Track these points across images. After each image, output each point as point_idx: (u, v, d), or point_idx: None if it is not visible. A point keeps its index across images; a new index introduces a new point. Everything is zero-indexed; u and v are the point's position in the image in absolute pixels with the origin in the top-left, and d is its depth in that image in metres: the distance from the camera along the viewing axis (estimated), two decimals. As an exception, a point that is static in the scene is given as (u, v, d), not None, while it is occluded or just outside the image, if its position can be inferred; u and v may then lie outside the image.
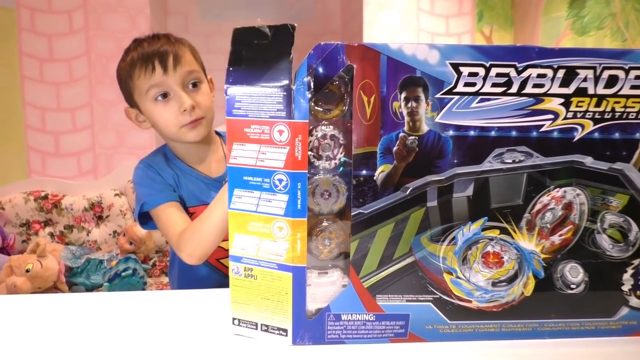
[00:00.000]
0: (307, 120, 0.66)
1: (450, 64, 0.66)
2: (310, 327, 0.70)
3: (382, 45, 0.65)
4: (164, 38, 1.06)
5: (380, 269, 0.70)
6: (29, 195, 2.20)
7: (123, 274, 1.93)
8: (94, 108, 2.28)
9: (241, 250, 0.71)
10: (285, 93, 0.66)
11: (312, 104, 0.67)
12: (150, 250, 2.16)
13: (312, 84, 0.65)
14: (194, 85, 1.05)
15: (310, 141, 0.68)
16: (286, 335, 0.71)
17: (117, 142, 2.32)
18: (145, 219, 1.09)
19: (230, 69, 0.68)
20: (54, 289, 1.92)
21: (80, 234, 2.23)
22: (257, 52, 0.67)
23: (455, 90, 0.66)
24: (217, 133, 1.19)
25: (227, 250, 0.73)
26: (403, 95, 0.66)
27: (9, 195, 2.20)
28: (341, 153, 0.69)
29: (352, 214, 0.68)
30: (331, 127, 0.69)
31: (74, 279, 2.01)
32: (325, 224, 0.71)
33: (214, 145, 1.15)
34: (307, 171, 0.67)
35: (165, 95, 1.03)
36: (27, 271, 1.82)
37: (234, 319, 0.73)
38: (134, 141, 2.31)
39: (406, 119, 0.67)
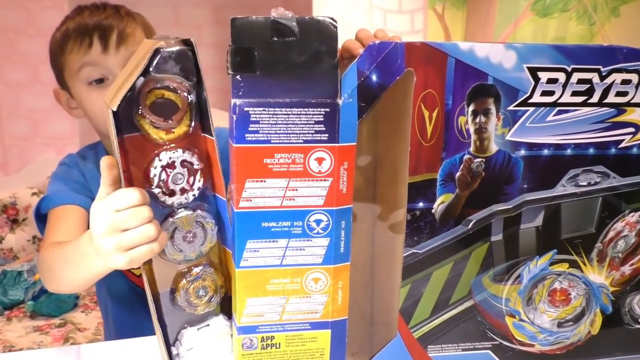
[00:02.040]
0: (355, 144, 0.51)
1: (528, 68, 0.54)
2: None
3: (450, 45, 0.52)
4: (112, 9, 0.85)
5: (433, 316, 0.59)
6: None
7: (51, 288, 1.68)
8: (1, 91, 1.95)
9: (256, 318, 0.55)
10: (328, 109, 0.50)
11: (144, 122, 0.53)
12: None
13: (363, 97, 0.51)
14: None
15: (153, 174, 0.53)
16: None
17: (32, 132, 2.00)
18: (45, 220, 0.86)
19: (237, 76, 0.49)
20: (-36, 310, 1.64)
21: (-9, 242, 1.93)
22: (277, 54, 0.49)
23: (531, 101, 0.55)
24: None
25: None
26: (471, 108, 0.54)
27: None
28: (199, 181, 0.55)
29: (404, 254, 0.55)
30: (180, 150, 0.54)
31: (-13, 296, 1.73)
32: (195, 271, 0.57)
33: None
34: (352, 206, 0.53)
35: (101, 80, 0.82)
36: None
37: None
38: (52, 130, 2.00)
39: (473, 137, 0.54)
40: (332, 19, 0.49)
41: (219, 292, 0.58)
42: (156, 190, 0.54)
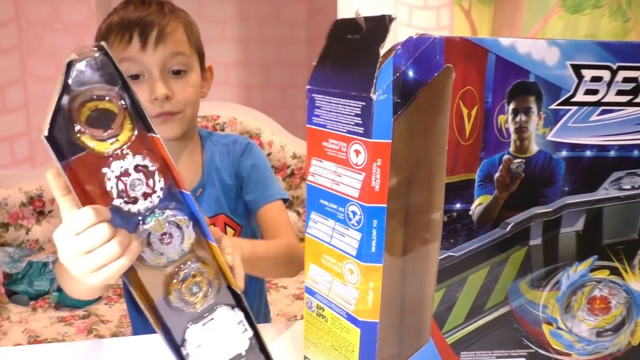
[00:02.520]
0: (390, 141, 0.50)
1: (571, 65, 0.51)
2: None
3: (491, 41, 0.50)
4: (156, 6, 0.85)
5: (468, 321, 0.57)
6: (-49, 188, 1.90)
7: (76, 280, 1.69)
8: (28, 85, 1.97)
9: (315, 284, 0.59)
10: (364, 103, 0.49)
11: (85, 138, 0.51)
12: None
13: (399, 93, 0.49)
14: (177, 72, 0.84)
15: (110, 187, 0.52)
16: None
17: (58, 125, 2.03)
18: None
19: (317, 67, 0.55)
20: (-9, 300, 1.67)
21: (18, 233, 1.94)
22: (346, 49, 0.52)
23: (573, 100, 0.52)
24: (201, 135, 0.98)
25: None
26: (511, 106, 0.52)
27: None
28: (159, 181, 0.53)
29: (440, 257, 0.53)
30: (129, 156, 0.52)
31: (14, 287, 1.74)
32: (183, 269, 0.57)
33: (191, 148, 0.93)
34: (385, 205, 0.51)
35: (137, 77, 0.83)
36: (-42, 283, 1.55)
37: (305, 357, 0.63)
38: (78, 124, 2.02)
39: (513, 136, 0.52)
40: (389, 17, 0.48)
41: (213, 285, 0.58)
42: (118, 202, 0.52)
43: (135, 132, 0.53)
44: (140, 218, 0.54)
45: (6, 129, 1.97)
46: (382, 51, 0.49)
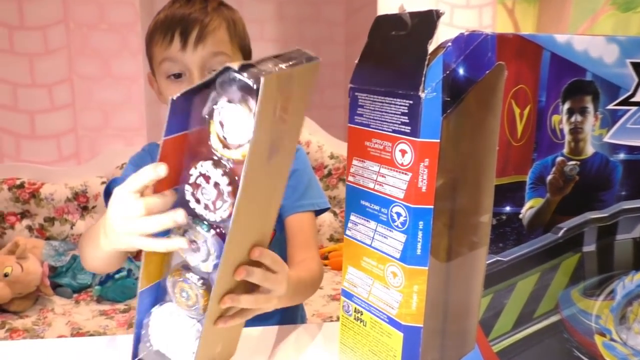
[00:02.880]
0: (438, 141, 0.48)
1: (632, 63, 0.49)
2: None
3: (545, 37, 0.47)
4: (200, 4, 0.84)
5: (516, 329, 0.55)
6: (1, 183, 1.94)
7: (116, 275, 1.72)
8: (75, 83, 2.01)
9: (353, 287, 0.58)
10: (411, 102, 0.48)
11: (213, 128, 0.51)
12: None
13: (448, 91, 0.47)
14: None
15: (191, 179, 0.52)
16: None
17: (102, 123, 2.07)
18: None
19: (359, 65, 0.54)
20: (37, 292, 1.71)
21: (63, 227, 1.99)
22: (390, 46, 0.51)
23: (633, 100, 0.50)
24: None
25: None
26: (566, 106, 0.49)
27: (-21, 183, 1.95)
28: (222, 205, 0.52)
29: (487, 262, 0.52)
30: (220, 170, 0.51)
31: (58, 280, 1.79)
32: (187, 275, 0.56)
33: None
34: (432, 207, 0.50)
35: (179, 76, 0.82)
36: (6, 275, 1.59)
37: None
38: (121, 122, 2.06)
39: (567, 137, 0.50)
40: (437, 12, 0.47)
41: (198, 305, 0.56)
42: (188, 190, 0.53)
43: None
44: (191, 217, 0.54)
45: (53, 127, 2.03)
46: (430, 48, 0.48)
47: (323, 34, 2.41)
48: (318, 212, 0.92)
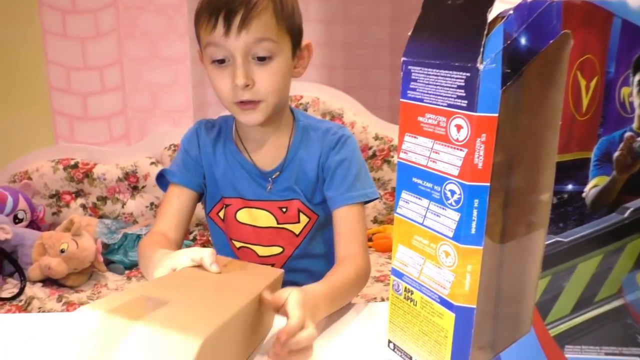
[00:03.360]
0: (496, 115, 0.46)
1: None
2: None
3: (617, 3, 0.44)
4: None
5: (575, 313, 0.52)
6: (57, 163, 2.02)
7: (166, 252, 1.77)
8: (124, 66, 2.06)
9: (403, 266, 0.57)
10: (468, 74, 0.45)
11: None
12: (191, 224, 2.00)
13: (509, 62, 0.45)
14: (262, 59, 0.81)
15: None
16: None
17: (151, 105, 2.11)
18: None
19: (412, 37, 0.52)
20: (91, 268, 1.78)
21: (114, 206, 2.06)
22: (445, 17, 0.49)
23: None
24: (294, 116, 0.95)
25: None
26: (637, 77, 0.46)
27: (36, 164, 2.02)
28: None
29: (546, 242, 0.49)
30: None
31: (111, 257, 1.85)
32: None
33: (278, 130, 0.92)
34: (488, 184, 0.48)
35: (223, 60, 0.81)
36: (62, 251, 1.66)
37: (389, 341, 0.61)
38: (169, 103, 2.09)
39: (637, 111, 0.47)
40: None
41: None
42: None
43: None
44: None
45: (104, 108, 2.09)
46: (490, 17, 0.45)
47: (368, 14, 2.37)
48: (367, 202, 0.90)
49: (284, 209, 0.91)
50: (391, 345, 0.61)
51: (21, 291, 1.66)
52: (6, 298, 1.63)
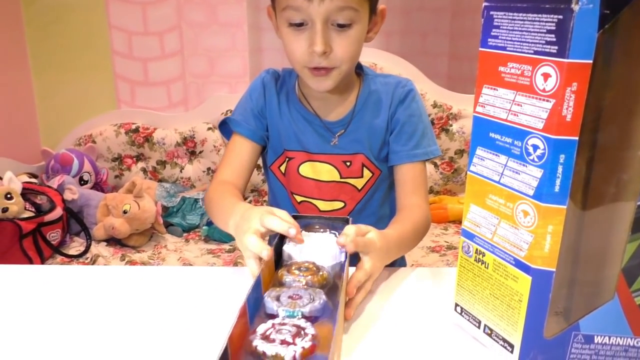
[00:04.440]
0: (590, 61, 0.42)
1: None
2: (546, 347, 0.52)
3: None
4: None
5: (665, 281, 0.48)
6: (119, 127, 2.08)
7: (222, 216, 1.80)
8: (183, 31, 2.07)
9: (475, 227, 0.55)
10: (560, 16, 0.42)
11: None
12: (247, 189, 2.02)
13: (608, 2, 0.41)
14: (341, 25, 0.80)
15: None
16: (511, 352, 0.53)
17: (208, 70, 2.12)
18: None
19: None
20: (151, 229, 1.84)
21: (173, 171, 2.10)
22: None
23: None
24: (361, 69, 0.94)
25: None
26: None
27: (100, 128, 2.09)
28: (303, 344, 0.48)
29: (638, 203, 0.45)
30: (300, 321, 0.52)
31: (169, 219, 1.91)
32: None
33: (347, 89, 0.91)
34: (577, 138, 0.44)
35: (301, 24, 0.80)
36: (125, 212, 1.72)
37: (456, 305, 0.60)
38: (225, 69, 2.10)
39: None
40: None
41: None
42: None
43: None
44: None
45: (164, 74, 2.12)
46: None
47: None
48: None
49: (348, 163, 0.91)
50: (458, 309, 0.59)
51: (87, 249, 1.74)
52: (73, 255, 1.71)
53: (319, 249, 0.62)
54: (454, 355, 0.55)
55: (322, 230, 0.68)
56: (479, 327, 0.56)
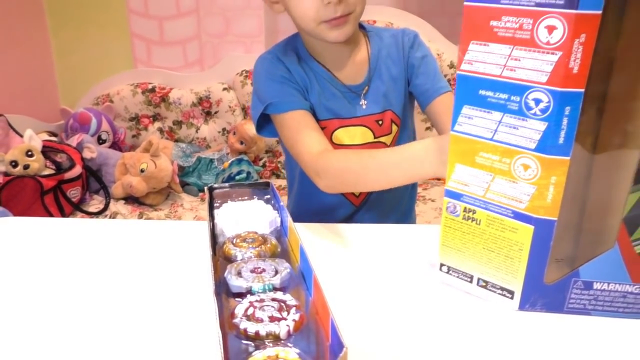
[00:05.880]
0: (600, 12, 0.42)
1: None
2: (546, 292, 0.54)
3: None
4: None
5: (665, 232, 0.49)
6: (136, 87, 2.09)
7: (237, 177, 1.83)
8: (197, -10, 2.08)
9: (462, 186, 0.55)
10: (571, -35, 0.42)
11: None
12: (260, 150, 2.03)
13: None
14: None
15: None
16: (511, 298, 0.55)
17: (224, 29, 2.11)
18: (263, 122, 0.90)
19: None
20: (168, 188, 1.87)
21: (189, 131, 2.13)
22: None
23: None
24: (362, 27, 0.95)
25: None
26: None
27: (117, 87, 2.11)
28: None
29: (641, 154, 0.46)
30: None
31: (185, 179, 1.94)
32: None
33: (357, 45, 0.91)
34: (583, 90, 0.45)
35: None
36: (142, 171, 1.75)
37: (442, 265, 0.60)
38: (241, 28, 2.09)
39: None
40: None
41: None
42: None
43: None
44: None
45: (179, 33, 2.12)
46: None
47: None
48: None
49: (380, 122, 0.91)
50: (444, 268, 0.60)
51: (106, 207, 1.79)
52: (93, 212, 1.76)
53: (254, 217, 0.59)
54: (446, 310, 0.56)
55: (247, 197, 0.65)
56: (471, 282, 0.58)
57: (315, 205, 0.96)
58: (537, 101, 0.47)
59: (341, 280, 0.62)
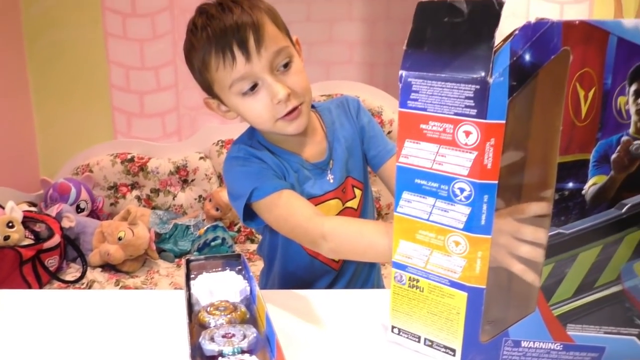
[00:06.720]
0: (504, 122, 0.53)
1: (702, 46, 0.50)
2: (482, 350, 0.61)
3: (613, 24, 0.50)
4: (235, 6, 0.81)
5: (576, 297, 0.58)
6: (115, 157, 2.17)
7: (212, 243, 1.89)
8: (178, 66, 2.18)
9: (406, 259, 0.62)
10: (478, 86, 0.52)
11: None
12: (236, 216, 2.11)
13: (515, 76, 0.51)
14: (285, 65, 0.83)
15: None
16: (454, 355, 0.62)
17: (201, 102, 2.21)
18: (250, 215, 0.89)
19: (409, 50, 0.57)
20: (145, 255, 1.92)
21: (166, 198, 2.19)
22: (445, 33, 0.54)
23: (703, 82, 0.51)
24: (313, 107, 0.97)
25: None
26: (633, 87, 0.52)
27: (97, 157, 2.18)
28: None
29: (550, 233, 0.56)
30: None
31: (162, 245, 1.99)
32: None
33: (313, 126, 0.94)
34: (497, 182, 0.55)
35: (253, 87, 0.82)
36: (120, 239, 1.80)
37: (393, 327, 0.67)
38: (217, 102, 2.22)
39: (633, 118, 0.53)
40: (499, 2, 0.51)
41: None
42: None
43: None
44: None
45: (159, 106, 2.22)
46: (496, 35, 0.52)
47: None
48: None
49: (344, 190, 0.95)
50: (395, 330, 0.66)
51: (83, 275, 1.82)
52: (70, 281, 1.79)
53: (226, 287, 0.66)
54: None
55: (220, 269, 0.72)
56: (419, 342, 0.64)
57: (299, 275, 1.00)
58: (462, 190, 0.56)
59: (304, 343, 0.68)
